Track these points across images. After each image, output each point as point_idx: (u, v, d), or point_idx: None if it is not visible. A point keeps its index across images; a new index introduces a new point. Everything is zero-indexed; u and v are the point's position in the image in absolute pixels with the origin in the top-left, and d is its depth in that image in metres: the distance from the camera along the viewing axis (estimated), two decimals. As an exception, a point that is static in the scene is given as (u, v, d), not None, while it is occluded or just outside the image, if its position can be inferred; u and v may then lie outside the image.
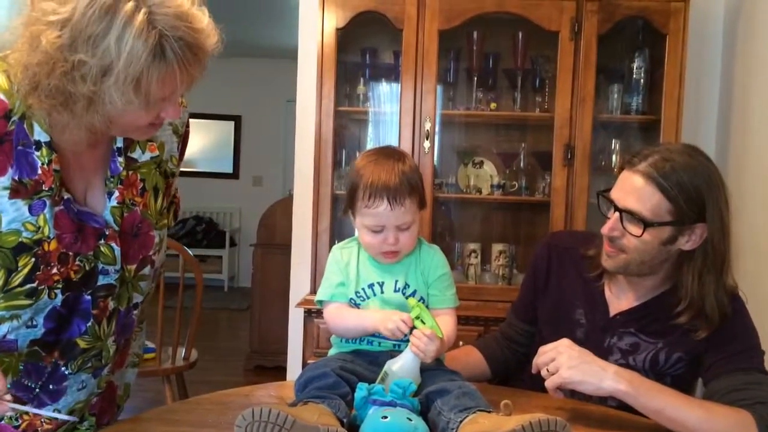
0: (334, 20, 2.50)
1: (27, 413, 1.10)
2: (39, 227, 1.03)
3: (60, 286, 1.06)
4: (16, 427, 1.11)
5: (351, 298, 1.25)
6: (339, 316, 1.25)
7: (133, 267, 1.16)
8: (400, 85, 2.52)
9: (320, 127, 2.54)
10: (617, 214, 1.30)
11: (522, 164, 2.73)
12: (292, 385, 1.21)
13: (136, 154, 1.17)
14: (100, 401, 1.22)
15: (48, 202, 1.04)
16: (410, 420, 1.01)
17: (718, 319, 1.29)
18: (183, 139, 1.30)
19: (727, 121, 2.65)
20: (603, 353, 1.31)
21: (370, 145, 2.78)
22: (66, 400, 1.14)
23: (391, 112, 2.65)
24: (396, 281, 1.24)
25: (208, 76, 1.15)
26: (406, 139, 2.50)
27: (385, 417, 1.00)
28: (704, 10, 2.71)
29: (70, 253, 1.06)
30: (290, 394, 1.19)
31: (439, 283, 1.26)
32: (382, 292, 1.24)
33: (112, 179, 1.13)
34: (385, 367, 1.15)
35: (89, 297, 1.09)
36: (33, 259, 1.02)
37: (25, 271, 1.02)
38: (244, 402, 1.27)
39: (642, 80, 2.58)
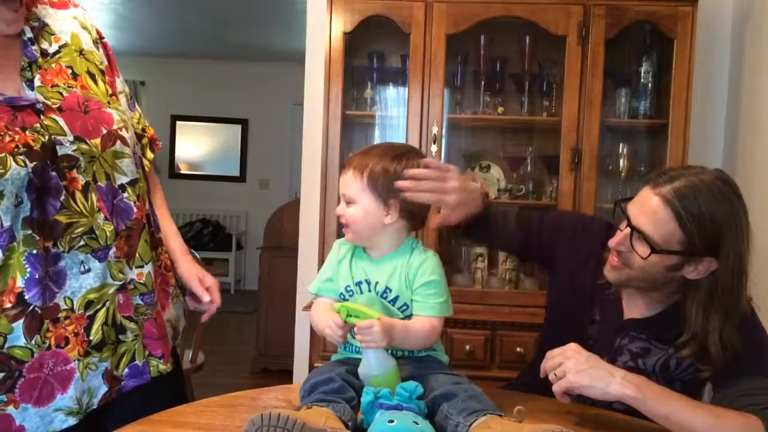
0: (341, 24, 2.51)
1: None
2: None
3: (22, 150, 1.10)
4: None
5: (341, 293, 1.27)
6: (313, 312, 1.28)
7: (98, 141, 1.19)
8: (407, 88, 2.53)
9: (327, 131, 2.55)
10: (628, 230, 1.28)
11: (529, 168, 2.73)
12: (299, 389, 1.22)
13: (44, 45, 1.23)
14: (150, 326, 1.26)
15: None
16: (417, 423, 1.01)
17: (722, 361, 1.26)
18: (105, 47, 1.35)
19: (735, 125, 2.65)
20: (612, 353, 1.30)
21: (377, 148, 2.78)
22: (72, 284, 1.16)
23: (398, 116, 2.66)
24: (377, 283, 1.24)
25: (215, 79, 1.17)
26: (413, 143, 2.50)
27: (392, 421, 1.00)
28: (712, 14, 2.70)
29: (17, 128, 1.11)
30: (297, 397, 1.20)
31: (424, 289, 1.22)
32: (369, 291, 1.24)
33: (29, 68, 1.18)
34: (363, 378, 1.15)
35: (54, 172, 1.13)
36: None
37: None
38: (251, 405, 1.28)
39: (650, 84, 2.58)
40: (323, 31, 2.55)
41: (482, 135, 2.84)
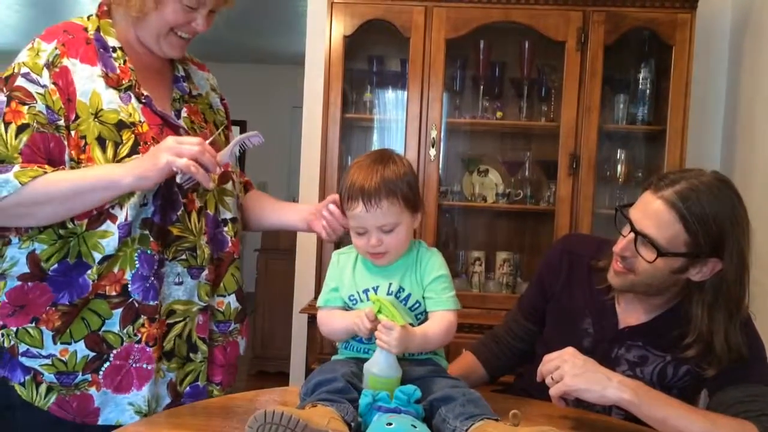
0: (341, 28, 2.51)
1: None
2: (131, 113, 1.25)
3: None
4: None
5: (345, 302, 1.27)
6: (326, 320, 1.28)
7: (215, 176, 1.32)
8: (406, 92, 2.54)
9: (326, 134, 2.55)
10: (632, 235, 1.28)
11: (527, 173, 2.74)
12: (295, 391, 1.22)
13: (188, 86, 1.41)
14: (220, 356, 1.36)
15: (132, 96, 1.27)
16: (414, 427, 1.01)
17: (728, 360, 1.26)
18: (225, 108, 1.53)
19: (733, 132, 2.66)
20: (610, 364, 1.30)
21: (375, 152, 2.79)
22: (164, 291, 1.26)
23: (397, 120, 2.67)
24: (390, 284, 1.24)
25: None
26: (412, 147, 2.51)
27: (390, 424, 1.00)
28: (711, 21, 2.72)
29: (159, 140, 1.23)
30: (294, 399, 1.20)
31: (435, 285, 1.25)
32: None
33: (178, 100, 1.36)
34: (365, 372, 1.16)
35: (177, 189, 1.26)
36: (133, 136, 1.23)
37: (129, 143, 1.22)
38: (249, 407, 1.27)
39: (648, 91, 2.59)
40: (323, 34, 2.56)
41: (481, 139, 2.85)
